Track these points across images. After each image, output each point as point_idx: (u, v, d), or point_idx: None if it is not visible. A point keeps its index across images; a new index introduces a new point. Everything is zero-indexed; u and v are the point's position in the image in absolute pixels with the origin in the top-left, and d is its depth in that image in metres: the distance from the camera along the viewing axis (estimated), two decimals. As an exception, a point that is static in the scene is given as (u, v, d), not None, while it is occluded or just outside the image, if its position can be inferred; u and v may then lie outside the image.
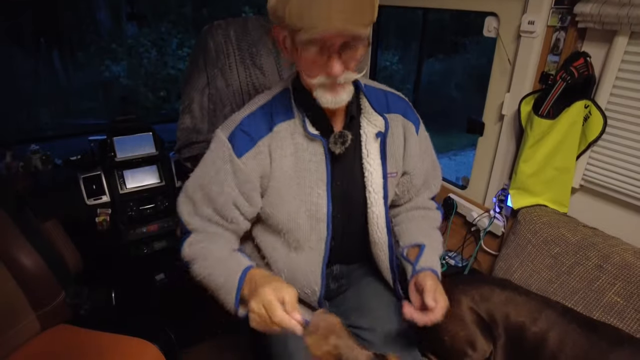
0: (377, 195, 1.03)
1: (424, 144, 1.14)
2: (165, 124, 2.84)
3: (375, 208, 1.05)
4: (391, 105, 1.07)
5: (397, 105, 1.08)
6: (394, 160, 1.07)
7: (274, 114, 0.97)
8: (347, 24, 0.75)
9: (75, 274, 1.50)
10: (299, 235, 1.02)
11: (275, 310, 0.78)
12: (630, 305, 1.20)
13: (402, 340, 1.15)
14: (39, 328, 1.33)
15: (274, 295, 0.79)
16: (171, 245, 2.11)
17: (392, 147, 1.05)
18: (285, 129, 0.96)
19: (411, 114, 1.10)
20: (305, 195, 0.99)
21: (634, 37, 1.21)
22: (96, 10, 6.15)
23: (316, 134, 0.95)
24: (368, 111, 1.01)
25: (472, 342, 1.30)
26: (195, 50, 1.65)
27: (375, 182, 1.02)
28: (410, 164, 1.10)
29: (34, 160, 1.96)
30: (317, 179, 0.98)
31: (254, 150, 0.95)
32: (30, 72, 5.62)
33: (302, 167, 0.98)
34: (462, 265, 1.80)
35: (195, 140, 1.66)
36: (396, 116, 1.06)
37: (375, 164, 1.02)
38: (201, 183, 1.00)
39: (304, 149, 0.97)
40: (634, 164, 1.30)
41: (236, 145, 0.95)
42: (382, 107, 1.03)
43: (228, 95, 1.63)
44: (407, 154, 1.09)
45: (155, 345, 1.26)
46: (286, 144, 0.96)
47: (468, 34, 7.45)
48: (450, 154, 6.36)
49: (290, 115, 0.97)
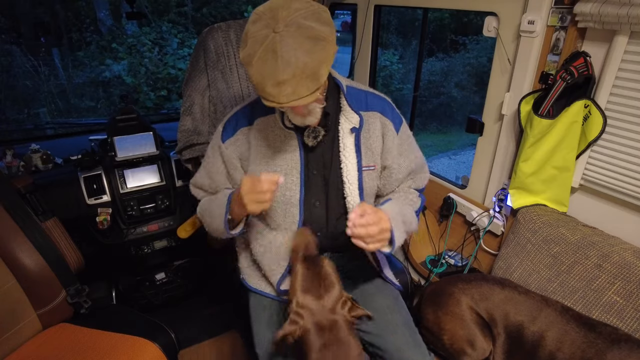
0: (352, 186, 1.14)
1: (406, 142, 1.22)
2: (166, 123, 2.85)
3: (351, 198, 1.15)
4: (370, 103, 1.17)
5: (375, 103, 1.18)
6: (370, 153, 1.16)
7: (256, 109, 1.15)
8: (296, 101, 0.89)
9: (75, 273, 1.50)
10: (275, 216, 1.18)
11: (257, 180, 0.98)
12: (629, 304, 1.20)
13: (404, 329, 1.18)
14: (40, 327, 1.34)
15: (248, 182, 0.99)
16: (171, 244, 2.12)
17: (367, 141, 1.15)
18: (264, 122, 1.13)
19: (390, 112, 1.19)
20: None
21: (634, 36, 1.22)
22: (97, 10, 6.15)
23: (291, 127, 1.10)
24: (346, 109, 1.12)
25: (472, 341, 1.30)
26: (196, 52, 1.65)
27: (351, 174, 1.14)
28: (389, 158, 1.18)
29: (34, 159, 1.96)
30: (291, 167, 1.13)
31: (234, 138, 1.16)
32: (31, 71, 5.62)
33: (278, 156, 1.13)
34: (462, 264, 1.80)
35: (196, 142, 1.66)
36: (374, 114, 1.16)
37: (350, 157, 1.13)
38: (206, 165, 1.24)
39: (281, 140, 1.12)
40: (633, 164, 1.30)
41: (223, 133, 1.17)
42: (360, 106, 1.15)
43: (229, 97, 1.63)
44: (385, 149, 1.18)
45: (155, 345, 1.26)
46: (263, 135, 1.14)
47: (468, 33, 7.44)
48: (450, 153, 6.36)
49: (271, 112, 1.13)
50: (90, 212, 1.86)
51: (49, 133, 2.76)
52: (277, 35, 0.86)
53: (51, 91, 5.75)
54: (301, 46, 0.86)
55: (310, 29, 0.87)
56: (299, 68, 0.86)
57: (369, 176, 1.17)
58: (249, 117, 1.16)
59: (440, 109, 7.17)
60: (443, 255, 1.87)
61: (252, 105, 1.18)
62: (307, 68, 0.87)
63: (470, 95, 7.15)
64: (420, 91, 6.84)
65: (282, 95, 0.88)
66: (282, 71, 0.86)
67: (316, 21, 0.88)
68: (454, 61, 7.43)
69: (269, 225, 1.22)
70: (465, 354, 1.31)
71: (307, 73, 0.87)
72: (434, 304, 1.41)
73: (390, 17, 7.14)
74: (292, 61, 0.86)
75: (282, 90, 0.88)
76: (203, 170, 1.25)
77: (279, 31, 0.87)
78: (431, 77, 7.18)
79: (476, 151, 1.76)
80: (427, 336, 1.43)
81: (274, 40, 0.86)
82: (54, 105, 5.73)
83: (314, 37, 0.87)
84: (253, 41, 0.89)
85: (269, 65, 0.87)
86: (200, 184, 1.27)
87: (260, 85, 0.89)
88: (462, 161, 6.06)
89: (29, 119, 5.50)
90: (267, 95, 0.90)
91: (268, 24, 0.88)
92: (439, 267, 1.82)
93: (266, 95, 0.90)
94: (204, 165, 1.24)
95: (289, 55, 0.86)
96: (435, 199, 1.96)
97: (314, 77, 0.89)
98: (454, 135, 6.87)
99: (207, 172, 1.23)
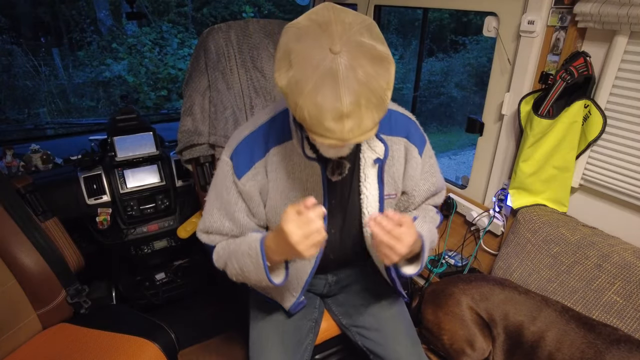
0: None
1: (428, 164, 1.12)
2: (166, 123, 2.85)
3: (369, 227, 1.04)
4: (394, 127, 1.04)
5: (400, 126, 1.05)
6: (392, 182, 1.07)
7: (270, 136, 1.00)
8: (361, 137, 0.76)
9: (75, 273, 1.50)
10: None
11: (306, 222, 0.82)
12: (629, 304, 1.20)
13: (407, 340, 1.17)
14: (40, 327, 1.34)
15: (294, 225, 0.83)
16: (171, 244, 2.12)
17: (390, 169, 1.06)
18: (281, 152, 0.99)
19: (415, 134, 1.07)
20: None
21: (634, 36, 1.22)
22: (97, 10, 6.14)
23: (314, 157, 0.95)
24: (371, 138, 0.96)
25: (472, 341, 1.30)
26: (196, 53, 1.65)
27: (371, 205, 1.04)
28: (410, 184, 1.10)
29: (34, 160, 1.96)
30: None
31: (251, 173, 1.00)
32: (31, 71, 5.62)
33: (298, 187, 1.01)
34: (462, 264, 1.80)
35: (196, 142, 1.66)
36: (399, 139, 1.05)
37: (372, 188, 1.03)
38: (217, 203, 1.06)
39: (301, 170, 0.99)
40: (633, 164, 1.30)
41: (236, 165, 1.00)
42: (385, 129, 1.03)
43: (229, 98, 1.63)
44: (407, 176, 1.09)
45: (155, 345, 1.26)
46: (281, 167, 1.00)
47: (468, 33, 7.44)
48: (450, 153, 6.36)
49: (288, 137, 0.98)
50: (90, 212, 1.87)
51: (49, 133, 2.76)
52: (337, 57, 0.71)
53: (51, 91, 5.75)
54: (365, 70, 0.72)
55: (372, 47, 0.73)
56: (364, 97, 0.72)
57: (388, 204, 1.09)
58: (263, 147, 1.00)
59: (440, 109, 7.17)
60: (443, 256, 1.87)
61: (264, 130, 1.01)
62: (373, 96, 0.73)
63: (470, 95, 7.15)
64: (420, 91, 6.84)
65: (345, 130, 0.73)
66: (346, 102, 0.71)
67: (372, 38, 0.74)
68: (454, 61, 7.43)
69: None
70: (465, 354, 1.31)
71: (373, 102, 0.73)
72: (434, 304, 1.41)
73: (390, 17, 7.14)
74: (356, 89, 0.71)
75: (346, 124, 0.72)
76: (218, 213, 1.06)
77: (337, 52, 0.71)
78: (431, 77, 7.18)
79: (476, 151, 1.76)
80: (427, 336, 1.43)
81: (333, 64, 0.70)
82: (54, 105, 5.73)
83: (377, 58, 0.73)
84: (303, 64, 0.72)
85: (329, 95, 0.71)
86: (218, 228, 1.07)
87: (317, 119, 0.73)
88: (462, 161, 6.06)
89: (29, 119, 5.50)
90: (324, 132, 0.74)
91: (321, 43, 0.71)
92: (439, 267, 1.82)
93: (323, 132, 0.74)
94: (218, 207, 1.06)
95: (352, 82, 0.71)
96: (435, 199, 1.96)
97: (380, 106, 0.75)
98: (454, 135, 6.87)
99: (226, 214, 1.05)
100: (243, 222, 1.05)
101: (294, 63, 0.73)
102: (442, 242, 1.94)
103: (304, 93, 0.72)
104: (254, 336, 1.20)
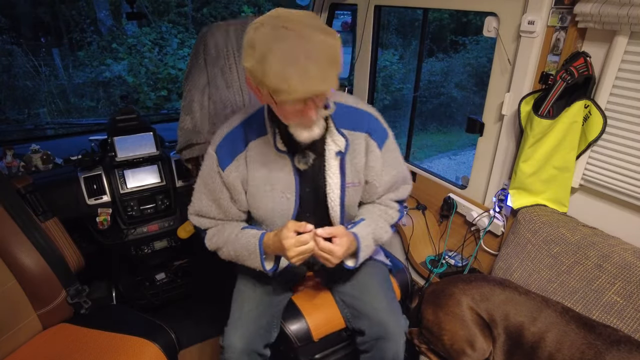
0: (334, 202, 1.20)
1: (390, 158, 1.26)
2: (166, 123, 2.84)
3: (333, 211, 1.22)
4: (357, 123, 1.19)
5: (362, 123, 1.19)
6: (355, 172, 1.21)
7: (249, 131, 1.16)
8: (321, 86, 0.90)
9: (75, 273, 1.50)
10: (274, 228, 1.20)
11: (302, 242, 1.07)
12: (630, 304, 1.20)
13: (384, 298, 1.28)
14: (40, 327, 1.34)
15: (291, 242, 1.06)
16: (171, 245, 2.12)
17: (353, 161, 1.20)
18: (258, 145, 1.15)
19: (375, 130, 1.21)
20: (278, 198, 1.18)
21: (634, 37, 1.22)
22: (97, 10, 6.15)
23: (284, 150, 1.12)
24: (332, 131, 1.14)
25: (472, 342, 1.30)
26: (195, 49, 1.65)
27: (334, 192, 1.19)
28: (372, 175, 1.24)
29: (34, 160, 1.96)
30: (287, 188, 1.18)
31: (233, 165, 1.16)
32: (31, 71, 5.62)
33: (274, 176, 1.17)
34: (462, 264, 1.80)
35: (195, 141, 1.66)
36: (360, 134, 1.19)
37: (335, 177, 1.18)
38: (205, 190, 1.23)
39: (275, 162, 1.15)
40: (633, 164, 1.30)
41: (220, 158, 1.16)
42: (347, 125, 1.17)
43: (228, 96, 1.63)
44: (368, 167, 1.22)
45: (155, 345, 1.26)
46: (258, 158, 1.16)
47: (468, 34, 7.44)
48: (450, 153, 6.36)
49: (263, 132, 1.14)
50: (91, 212, 1.86)
51: (49, 133, 2.76)
52: (290, 31, 0.86)
53: (51, 91, 5.75)
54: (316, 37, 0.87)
55: (319, 25, 0.89)
56: (321, 48, 0.86)
57: (353, 191, 1.23)
58: (244, 140, 1.16)
59: (440, 109, 7.17)
60: (443, 256, 1.87)
61: (243, 126, 1.17)
62: (329, 48, 0.87)
63: (470, 95, 7.15)
64: (420, 91, 6.84)
65: (309, 79, 0.86)
66: (305, 50, 0.85)
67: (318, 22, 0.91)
68: (454, 61, 7.43)
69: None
70: (466, 354, 1.31)
71: (329, 54, 0.87)
72: (435, 304, 1.41)
73: (390, 17, 7.14)
74: (314, 39, 0.86)
75: (309, 72, 0.85)
76: (206, 199, 1.23)
77: (290, 27, 0.86)
78: (431, 77, 7.18)
79: (476, 151, 1.76)
80: (427, 336, 1.43)
81: (289, 34, 0.85)
82: (54, 105, 5.73)
83: (324, 30, 0.89)
84: (262, 42, 0.86)
85: (290, 57, 0.84)
86: (206, 212, 1.25)
87: (282, 75, 0.85)
88: (462, 161, 6.06)
89: (29, 119, 5.50)
90: (291, 86, 0.86)
91: (275, 25, 0.87)
92: (439, 267, 1.82)
93: (290, 86, 0.86)
94: (206, 193, 1.23)
95: (307, 44, 0.85)
96: (435, 199, 1.96)
97: (334, 62, 0.89)
98: (454, 135, 6.87)
99: (213, 200, 1.22)
100: (227, 207, 1.22)
101: (257, 45, 0.87)
102: (442, 243, 1.94)
103: (267, 60, 0.85)
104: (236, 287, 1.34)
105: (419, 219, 1.98)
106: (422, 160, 6.03)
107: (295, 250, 1.05)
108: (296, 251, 1.05)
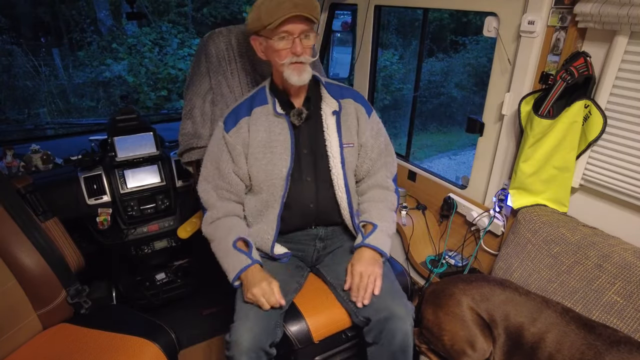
0: (335, 160, 1.34)
1: (376, 127, 1.44)
2: (166, 123, 2.84)
3: (335, 170, 1.35)
4: (344, 93, 1.41)
5: (348, 93, 1.41)
6: (349, 133, 1.37)
7: (254, 101, 1.36)
8: (303, 11, 1.16)
9: (76, 273, 1.50)
10: (274, 190, 1.34)
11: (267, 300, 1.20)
12: (630, 304, 1.20)
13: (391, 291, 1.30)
14: (40, 327, 1.34)
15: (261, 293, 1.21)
16: (171, 245, 2.11)
17: (346, 122, 1.37)
18: (261, 111, 1.34)
19: (361, 100, 1.42)
20: (277, 159, 1.31)
21: (634, 37, 1.22)
22: (97, 10, 6.14)
23: (282, 112, 1.32)
24: (326, 97, 1.36)
25: (472, 342, 1.30)
26: (197, 57, 1.66)
27: (334, 150, 1.34)
28: (363, 138, 1.39)
29: (34, 160, 1.96)
30: (283, 146, 1.32)
31: (237, 127, 1.33)
32: (31, 71, 5.62)
33: (273, 138, 1.32)
34: (462, 264, 1.80)
35: (195, 145, 1.67)
36: (348, 100, 1.39)
37: (333, 135, 1.34)
38: (211, 159, 1.38)
39: (274, 125, 1.33)
40: (633, 164, 1.30)
41: (226, 124, 1.35)
42: (337, 95, 1.38)
43: (232, 101, 1.64)
44: (360, 129, 1.39)
45: (155, 345, 1.26)
46: (260, 122, 1.33)
47: (468, 34, 7.44)
48: (450, 153, 6.36)
49: (265, 101, 1.35)
50: (91, 212, 1.86)
51: (49, 133, 2.76)
52: None
53: (51, 91, 5.75)
54: None
55: None
56: None
57: (349, 152, 1.37)
58: (248, 108, 1.35)
59: (440, 109, 7.17)
60: (443, 256, 1.87)
61: (249, 100, 1.37)
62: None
63: (470, 95, 7.15)
64: (420, 91, 6.84)
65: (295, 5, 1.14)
66: None
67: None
68: (454, 61, 7.43)
69: (263, 204, 1.38)
70: (466, 354, 1.31)
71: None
72: (435, 304, 1.41)
73: (390, 17, 7.14)
74: None
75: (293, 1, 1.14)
76: (209, 163, 1.38)
77: None
78: (431, 77, 7.18)
79: (476, 151, 1.76)
80: (428, 336, 1.43)
81: None
82: (54, 105, 5.73)
83: None
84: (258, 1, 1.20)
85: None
86: (206, 175, 1.39)
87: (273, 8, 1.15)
88: (462, 161, 6.06)
89: (29, 119, 5.50)
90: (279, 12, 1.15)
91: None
92: (439, 267, 1.82)
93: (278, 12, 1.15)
94: (209, 160, 1.38)
95: None
96: (436, 199, 1.96)
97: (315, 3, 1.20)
98: (454, 135, 6.87)
99: (214, 163, 1.36)
100: (226, 172, 1.34)
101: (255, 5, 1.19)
102: (442, 242, 1.94)
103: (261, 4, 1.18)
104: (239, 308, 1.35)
105: (419, 219, 1.98)
106: (422, 160, 6.03)
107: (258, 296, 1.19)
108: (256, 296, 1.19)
